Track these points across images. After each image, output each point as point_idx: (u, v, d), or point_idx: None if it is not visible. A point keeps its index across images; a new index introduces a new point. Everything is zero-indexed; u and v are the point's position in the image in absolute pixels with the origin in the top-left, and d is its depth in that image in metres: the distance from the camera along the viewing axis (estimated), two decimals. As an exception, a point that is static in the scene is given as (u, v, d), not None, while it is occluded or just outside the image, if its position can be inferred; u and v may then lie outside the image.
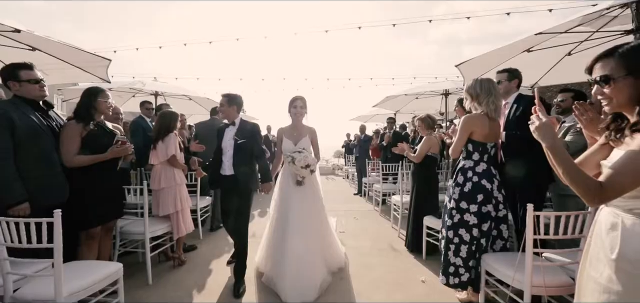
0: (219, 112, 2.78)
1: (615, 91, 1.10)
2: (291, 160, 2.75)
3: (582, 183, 1.06)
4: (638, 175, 0.99)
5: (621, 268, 1.04)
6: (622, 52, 1.10)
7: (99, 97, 2.41)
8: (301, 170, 2.75)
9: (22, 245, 1.64)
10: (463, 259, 2.30)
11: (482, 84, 2.36)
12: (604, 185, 1.03)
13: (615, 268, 1.06)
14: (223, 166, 2.80)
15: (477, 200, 2.30)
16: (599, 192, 1.03)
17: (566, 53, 3.76)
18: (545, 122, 1.21)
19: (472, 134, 2.36)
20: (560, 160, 1.13)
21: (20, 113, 2.11)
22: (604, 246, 1.11)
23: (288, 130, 2.99)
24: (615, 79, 1.09)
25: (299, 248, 2.60)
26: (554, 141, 1.16)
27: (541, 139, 1.20)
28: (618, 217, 1.09)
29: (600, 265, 1.12)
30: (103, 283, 1.94)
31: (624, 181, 1.00)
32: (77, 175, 2.24)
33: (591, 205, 1.08)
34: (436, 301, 2.52)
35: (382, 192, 5.65)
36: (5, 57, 3.41)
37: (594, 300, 1.12)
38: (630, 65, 1.06)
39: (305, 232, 2.68)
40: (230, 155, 2.75)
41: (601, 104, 1.16)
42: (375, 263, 3.30)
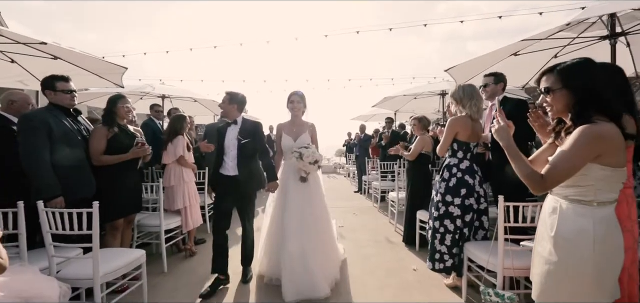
0: (222, 110, 2.77)
1: (554, 100, 1.35)
2: (299, 156, 2.68)
3: (529, 176, 1.31)
4: (568, 168, 1.24)
5: (558, 243, 1.30)
6: (560, 69, 1.35)
7: (118, 103, 2.71)
8: (309, 166, 2.70)
9: (65, 232, 1.93)
10: (447, 247, 2.55)
11: (465, 89, 2.60)
12: (544, 177, 1.28)
13: (553, 243, 1.31)
14: (225, 166, 2.73)
15: (461, 194, 2.55)
16: (541, 182, 1.28)
17: (552, 56, 3.98)
18: (502, 125, 1.47)
19: (457, 134, 2.61)
20: (513, 157, 1.38)
21: (55, 118, 2.40)
22: (546, 226, 1.37)
23: (287, 126, 2.95)
24: (554, 90, 1.34)
25: (297, 247, 2.55)
26: (508, 141, 1.42)
27: (499, 139, 1.46)
28: (557, 202, 1.34)
29: (544, 241, 1.37)
30: (130, 267, 2.22)
31: (558, 173, 1.25)
32: (103, 172, 2.53)
33: (536, 193, 1.31)
34: (425, 286, 2.78)
35: (380, 189, 5.90)
36: (30, 65, 3.73)
37: (539, 270, 1.38)
38: (565, 79, 1.32)
39: (304, 230, 2.62)
40: (234, 155, 2.69)
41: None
42: (371, 254, 3.56)
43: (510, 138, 1.43)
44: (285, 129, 2.94)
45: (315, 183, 2.88)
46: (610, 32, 3.00)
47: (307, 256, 2.54)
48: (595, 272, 1.22)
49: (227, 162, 2.72)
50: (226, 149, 2.73)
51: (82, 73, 3.98)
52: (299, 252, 2.53)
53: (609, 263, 1.24)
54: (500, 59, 3.86)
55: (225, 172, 2.73)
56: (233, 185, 2.69)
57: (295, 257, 2.53)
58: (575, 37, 3.52)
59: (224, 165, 2.74)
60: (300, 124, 2.93)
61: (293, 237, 2.59)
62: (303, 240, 2.58)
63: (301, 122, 2.93)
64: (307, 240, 2.60)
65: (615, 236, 1.25)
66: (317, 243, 2.67)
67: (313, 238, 2.64)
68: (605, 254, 1.22)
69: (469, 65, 3.96)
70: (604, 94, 1.27)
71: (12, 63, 3.67)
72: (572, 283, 1.26)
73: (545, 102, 1.39)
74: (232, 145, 2.70)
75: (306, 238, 2.60)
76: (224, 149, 2.74)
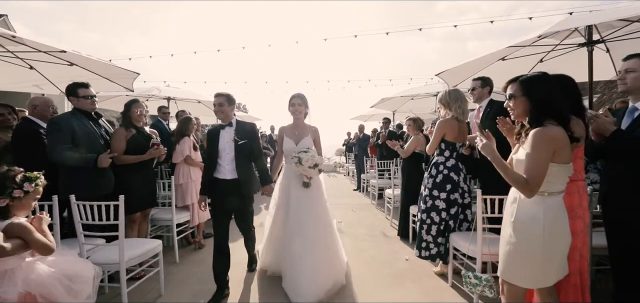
0: (217, 112, 2.61)
1: (516, 105, 1.60)
2: (298, 161, 2.61)
3: (517, 180, 1.50)
4: (540, 168, 1.44)
5: (516, 227, 1.55)
6: (522, 80, 1.60)
7: (132, 108, 2.97)
8: (309, 171, 2.62)
9: (94, 222, 2.19)
10: (433, 237, 2.81)
11: (451, 94, 2.85)
12: (527, 179, 1.46)
13: (513, 227, 1.56)
14: (221, 170, 2.60)
15: (446, 189, 2.80)
16: (526, 186, 1.46)
17: (538, 60, 4.22)
18: (486, 142, 1.69)
19: (445, 135, 2.86)
20: (500, 167, 1.58)
21: (78, 122, 2.66)
22: (508, 213, 1.62)
23: (289, 129, 2.88)
24: (516, 97, 1.59)
25: (299, 249, 2.54)
26: (493, 154, 1.63)
27: (485, 154, 1.67)
28: (517, 193, 1.59)
29: (506, 226, 1.63)
30: (148, 255, 2.49)
31: (536, 176, 1.44)
32: (122, 171, 2.79)
33: (528, 195, 1.48)
34: (416, 274, 3.03)
35: (378, 186, 6.15)
36: (47, 71, 3.98)
37: (502, 251, 1.63)
38: (525, 89, 1.56)
39: (306, 233, 2.59)
40: (232, 158, 2.58)
41: None
42: (368, 247, 3.82)
43: (494, 151, 1.64)
44: (287, 132, 2.87)
45: (317, 188, 2.80)
46: (587, 40, 3.24)
47: (308, 259, 2.51)
48: (545, 251, 1.47)
49: (223, 166, 2.59)
50: (221, 152, 2.60)
51: (95, 78, 4.25)
52: (300, 255, 2.52)
53: (556, 244, 1.49)
54: (489, 63, 4.10)
55: (221, 176, 2.59)
56: (232, 188, 2.57)
57: (297, 260, 2.53)
58: (557, 44, 3.76)
59: (219, 169, 2.60)
60: (302, 127, 2.85)
61: (295, 241, 2.57)
62: (305, 244, 2.55)
63: (303, 125, 2.86)
64: (309, 244, 2.56)
65: (562, 221, 1.50)
66: (319, 247, 2.61)
67: (315, 242, 2.59)
68: (554, 236, 1.47)
69: (459, 69, 4.20)
70: (555, 103, 1.52)
71: (30, 69, 3.92)
72: (527, 261, 1.51)
73: (509, 106, 1.64)
74: (228, 148, 2.59)
75: (308, 242, 2.56)
76: (219, 152, 2.60)
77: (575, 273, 1.65)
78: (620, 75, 2.01)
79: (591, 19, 2.86)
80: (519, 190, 1.53)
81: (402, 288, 2.76)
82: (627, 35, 3.22)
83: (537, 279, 1.53)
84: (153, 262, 2.64)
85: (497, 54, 3.95)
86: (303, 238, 2.57)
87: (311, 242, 2.57)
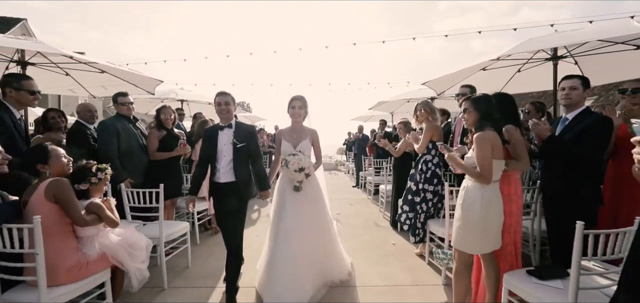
0: (222, 111, 2.51)
1: (468, 117, 2.13)
2: (285, 164, 2.58)
3: (474, 175, 2.04)
4: (487, 163, 1.96)
5: (462, 207, 2.09)
6: (472, 98, 2.13)
7: (161, 114, 3.53)
8: (295, 174, 2.57)
9: (140, 205, 2.75)
10: (421, 224, 3.35)
11: (430, 104, 3.40)
12: (480, 172, 2.00)
13: (461, 208, 2.11)
14: (217, 173, 2.51)
15: (434, 182, 3.34)
16: (480, 175, 2.00)
17: (516, 70, 4.73)
18: (448, 155, 2.22)
19: (432, 136, 3.39)
20: (462, 169, 2.12)
21: (121, 124, 3.23)
22: (459, 198, 2.15)
23: (287, 132, 2.81)
24: (469, 111, 2.12)
25: (288, 252, 2.48)
26: (454, 162, 2.16)
27: (449, 163, 2.21)
28: (466, 182, 2.13)
29: (457, 208, 2.17)
30: (179, 233, 3.06)
31: (486, 169, 1.97)
32: (156, 165, 3.35)
33: (485, 182, 1.99)
34: (401, 255, 3.57)
35: (374, 183, 6.68)
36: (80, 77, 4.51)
37: (454, 226, 2.17)
38: (473, 105, 2.09)
39: (298, 236, 2.53)
40: (229, 160, 2.50)
41: None
42: (361, 234, 4.37)
43: (455, 159, 2.18)
44: (285, 135, 2.81)
45: (314, 192, 2.75)
46: (552, 55, 3.75)
47: (299, 264, 2.46)
48: (481, 227, 2.01)
49: (220, 169, 2.50)
50: (219, 155, 2.51)
51: (122, 83, 4.81)
52: (288, 257, 2.47)
53: (491, 222, 2.02)
54: (471, 73, 4.60)
55: (217, 180, 2.52)
56: (230, 191, 2.49)
57: (284, 262, 2.46)
58: (531, 57, 4.27)
59: (216, 173, 2.52)
60: (300, 130, 2.80)
61: (284, 242, 2.52)
62: (294, 246, 2.50)
63: (301, 128, 2.80)
64: (300, 247, 2.50)
65: (496, 204, 2.03)
66: (313, 251, 2.56)
67: (307, 246, 2.54)
68: (488, 215, 2.00)
69: (445, 78, 4.71)
70: (493, 116, 2.05)
71: (66, 75, 4.48)
72: (469, 233, 2.05)
73: (464, 117, 2.17)
74: (226, 150, 2.51)
75: (298, 245, 2.51)
76: (217, 154, 2.51)
77: (511, 243, 2.19)
78: (565, 92, 2.38)
79: (543, 43, 3.36)
80: (478, 181, 2.05)
81: (387, 265, 3.31)
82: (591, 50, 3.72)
83: (477, 247, 2.07)
84: (181, 240, 3.21)
85: (479, 66, 4.45)
86: (293, 241, 2.50)
87: (303, 246, 2.51)
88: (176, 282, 2.91)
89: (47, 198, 1.89)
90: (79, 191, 2.10)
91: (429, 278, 3.00)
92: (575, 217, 1.58)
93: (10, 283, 1.87)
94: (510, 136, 2.17)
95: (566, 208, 2.21)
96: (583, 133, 2.21)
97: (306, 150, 2.74)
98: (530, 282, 1.86)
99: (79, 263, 1.98)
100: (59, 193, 1.92)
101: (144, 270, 2.30)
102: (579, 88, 2.35)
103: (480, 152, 1.99)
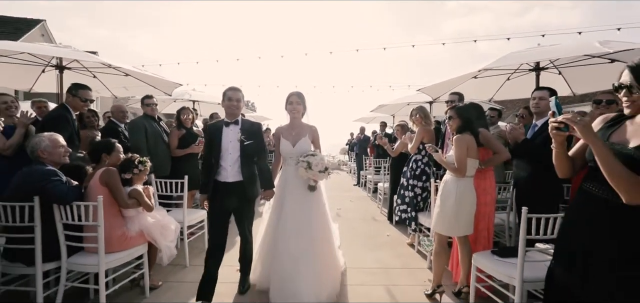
0: (231, 107, 2.45)
1: (453, 123, 2.54)
2: (307, 166, 2.48)
3: (452, 169, 2.45)
4: (462, 160, 2.39)
5: (441, 197, 2.52)
6: (456, 108, 2.55)
7: (182, 114, 3.99)
8: (319, 175, 2.51)
9: (165, 194, 3.21)
10: (413, 215, 3.75)
11: (423, 110, 3.80)
12: (457, 166, 2.42)
13: (440, 198, 2.53)
14: (221, 172, 2.44)
15: (422, 179, 3.75)
16: (457, 169, 2.41)
17: (506, 79, 5.10)
18: (434, 155, 2.64)
19: (423, 138, 3.80)
20: (443, 164, 2.55)
21: (148, 123, 3.69)
22: (439, 189, 2.57)
23: (286, 130, 2.72)
24: (453, 118, 2.53)
25: (287, 250, 2.49)
26: (438, 158, 2.58)
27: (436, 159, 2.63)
28: (447, 176, 2.55)
29: (437, 198, 2.58)
30: (199, 219, 3.52)
31: (459, 161, 2.38)
32: (177, 160, 3.81)
33: (460, 176, 2.41)
34: (393, 245, 3.98)
35: (374, 181, 7.09)
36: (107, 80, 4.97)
37: (433, 213, 2.59)
38: (457, 113, 2.51)
39: (299, 239, 2.51)
40: (236, 159, 2.43)
41: None
42: (358, 227, 4.80)
43: (440, 158, 2.60)
44: (283, 132, 2.72)
45: (316, 192, 2.69)
46: (534, 66, 4.13)
47: (298, 264, 2.44)
48: (455, 213, 2.42)
49: (225, 167, 2.42)
50: (223, 153, 2.42)
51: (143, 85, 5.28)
52: (291, 259, 2.46)
53: (462, 210, 2.43)
54: (463, 81, 4.98)
55: (223, 179, 2.44)
56: (234, 192, 2.43)
57: (286, 263, 2.46)
58: (518, 68, 4.65)
59: (220, 171, 2.44)
60: (299, 126, 2.70)
61: (286, 244, 2.51)
62: (297, 248, 2.48)
63: (300, 125, 2.71)
64: (301, 249, 2.48)
65: (469, 196, 2.44)
66: (312, 254, 2.51)
67: (308, 248, 2.50)
68: (461, 205, 2.41)
69: (439, 85, 5.10)
70: (472, 121, 2.47)
71: (93, 77, 4.96)
72: (445, 219, 2.47)
73: (449, 124, 2.58)
74: (231, 148, 2.43)
75: (300, 247, 2.49)
76: (221, 152, 2.42)
77: (485, 229, 2.60)
78: (535, 101, 2.74)
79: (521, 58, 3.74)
80: (454, 174, 2.47)
81: (380, 252, 3.73)
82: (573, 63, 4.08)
83: (452, 230, 2.49)
84: (200, 225, 3.65)
85: (470, 74, 4.83)
86: (295, 243, 2.49)
87: (304, 248, 2.49)
88: (196, 261, 3.35)
89: (101, 183, 2.35)
90: (124, 179, 2.56)
91: (417, 264, 3.41)
92: (539, 208, 1.95)
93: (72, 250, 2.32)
94: (485, 138, 2.58)
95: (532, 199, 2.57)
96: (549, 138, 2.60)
97: (306, 148, 2.66)
98: (492, 259, 2.26)
99: (124, 236, 2.43)
100: (109, 180, 2.38)
101: (172, 247, 2.74)
102: (546, 98, 2.73)
103: (458, 151, 2.41)
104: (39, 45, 4.76)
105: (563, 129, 1.31)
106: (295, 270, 2.43)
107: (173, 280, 2.96)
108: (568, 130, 1.30)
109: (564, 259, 1.45)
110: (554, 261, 1.53)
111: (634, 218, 1.20)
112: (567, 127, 1.28)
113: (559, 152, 1.45)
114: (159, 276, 2.91)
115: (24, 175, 2.17)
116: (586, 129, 1.23)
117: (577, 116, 1.29)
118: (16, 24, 11.13)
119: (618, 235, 1.25)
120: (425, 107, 3.94)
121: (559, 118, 1.32)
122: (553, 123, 1.34)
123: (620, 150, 1.25)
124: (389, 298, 2.70)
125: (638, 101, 1.29)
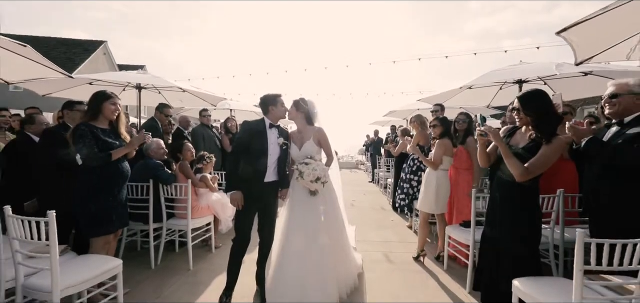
0: (283, 112, 2.66)
1: (437, 130, 3.47)
2: (299, 175, 2.53)
3: (429, 164, 3.40)
4: (438, 155, 3.32)
5: (425, 184, 3.47)
6: (440, 118, 3.48)
7: (228, 122, 5.16)
8: (311, 184, 2.54)
9: (220, 181, 4.38)
10: (408, 202, 4.65)
11: (420, 118, 4.69)
12: (433, 162, 3.36)
13: (424, 185, 3.47)
14: (266, 171, 2.52)
15: (418, 174, 4.63)
16: (433, 164, 3.36)
17: (498, 88, 5.82)
18: (419, 154, 3.57)
19: (419, 141, 4.69)
20: (423, 160, 3.48)
21: (203, 130, 4.89)
22: (423, 178, 3.50)
23: (294, 134, 2.83)
24: (436, 126, 3.46)
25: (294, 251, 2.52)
26: (421, 157, 3.52)
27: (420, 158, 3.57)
28: (428, 170, 3.46)
29: (421, 185, 3.50)
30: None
31: (436, 158, 3.33)
32: (225, 156, 4.98)
33: (434, 169, 3.37)
34: (395, 227, 4.89)
35: (385, 178, 7.97)
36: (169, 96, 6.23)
37: (419, 196, 3.51)
38: (441, 123, 3.44)
39: (305, 235, 2.54)
40: (275, 160, 2.55)
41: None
42: (367, 214, 5.76)
43: (421, 155, 3.53)
44: (293, 137, 2.82)
45: (325, 194, 2.69)
46: (517, 80, 4.88)
47: (303, 266, 2.48)
48: (434, 196, 3.34)
49: (269, 167, 2.52)
50: (269, 154, 2.53)
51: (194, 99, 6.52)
52: (297, 262, 2.50)
53: (440, 193, 3.33)
54: (456, 93, 5.77)
55: (266, 179, 2.53)
56: (268, 192, 2.56)
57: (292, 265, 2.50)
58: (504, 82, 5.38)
59: (263, 171, 2.52)
60: (304, 130, 2.78)
61: (292, 246, 2.55)
62: (303, 250, 2.51)
63: (305, 128, 2.78)
64: (307, 252, 2.51)
65: (444, 183, 3.35)
66: (319, 256, 2.52)
67: (314, 251, 2.52)
68: (439, 190, 3.33)
69: (436, 96, 5.92)
70: (450, 130, 3.37)
71: (158, 93, 6.25)
72: (426, 200, 3.40)
73: (434, 130, 3.49)
74: (273, 149, 2.54)
75: (306, 250, 2.51)
76: (267, 151, 2.51)
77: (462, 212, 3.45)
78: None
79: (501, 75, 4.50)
80: (430, 167, 3.40)
81: (382, 230, 4.70)
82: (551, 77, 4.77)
83: (431, 208, 3.40)
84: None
85: (466, 85, 5.63)
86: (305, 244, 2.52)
87: (314, 248, 2.51)
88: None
89: (180, 172, 3.51)
90: (197, 168, 3.71)
91: (411, 239, 4.33)
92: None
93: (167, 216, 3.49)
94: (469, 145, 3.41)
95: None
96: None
97: (311, 150, 2.70)
98: (460, 230, 3.12)
99: (199, 206, 3.57)
100: (182, 169, 3.54)
101: (229, 221, 3.85)
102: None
103: (437, 150, 3.34)
104: (134, 74, 5.41)
105: (483, 135, 2.19)
106: (300, 273, 2.50)
107: (228, 245, 4.08)
108: (487, 136, 2.17)
109: (489, 221, 2.33)
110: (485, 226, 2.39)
111: (519, 190, 2.08)
112: (487, 133, 2.15)
113: (482, 149, 2.32)
114: (220, 240, 4.03)
115: (142, 167, 3.36)
116: (496, 135, 2.12)
117: (491, 128, 2.17)
118: (84, 45, 13.18)
119: (508, 201, 2.14)
120: (422, 114, 4.80)
121: (482, 128, 2.22)
122: (479, 130, 2.22)
123: (514, 149, 2.14)
124: (385, 260, 3.64)
125: (524, 119, 2.17)
